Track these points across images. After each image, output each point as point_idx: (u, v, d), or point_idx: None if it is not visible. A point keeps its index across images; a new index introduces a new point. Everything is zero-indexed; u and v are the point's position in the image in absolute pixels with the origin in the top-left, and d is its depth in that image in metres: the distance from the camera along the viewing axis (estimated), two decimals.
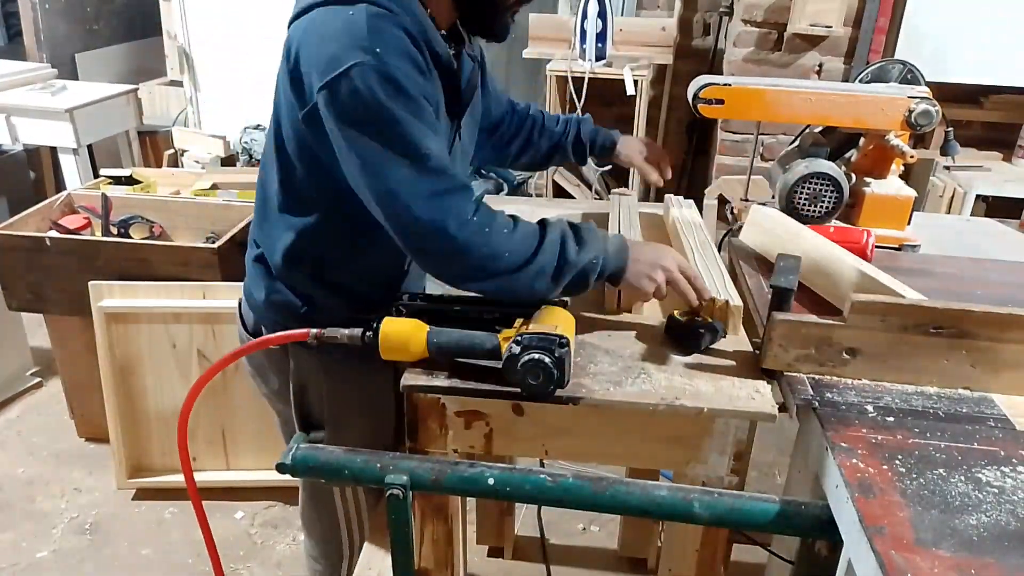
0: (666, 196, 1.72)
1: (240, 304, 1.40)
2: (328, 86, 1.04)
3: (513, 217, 1.15)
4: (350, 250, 1.26)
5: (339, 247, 1.25)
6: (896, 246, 1.61)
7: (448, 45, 1.17)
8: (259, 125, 3.68)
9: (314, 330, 1.13)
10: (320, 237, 1.24)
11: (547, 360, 1.02)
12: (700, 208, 1.69)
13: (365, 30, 1.04)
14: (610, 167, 3.64)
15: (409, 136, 1.06)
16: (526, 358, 1.03)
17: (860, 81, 1.72)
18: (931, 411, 1.04)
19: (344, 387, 1.34)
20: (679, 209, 1.61)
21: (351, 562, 1.52)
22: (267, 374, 1.40)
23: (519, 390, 1.05)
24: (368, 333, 1.12)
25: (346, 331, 1.13)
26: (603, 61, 3.41)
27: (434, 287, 1.29)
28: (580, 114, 1.65)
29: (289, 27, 1.16)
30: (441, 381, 1.10)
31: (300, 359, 1.32)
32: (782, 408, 1.09)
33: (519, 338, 1.04)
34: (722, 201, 2.88)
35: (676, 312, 1.21)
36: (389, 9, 1.08)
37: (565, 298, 1.23)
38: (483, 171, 3.89)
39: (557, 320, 1.10)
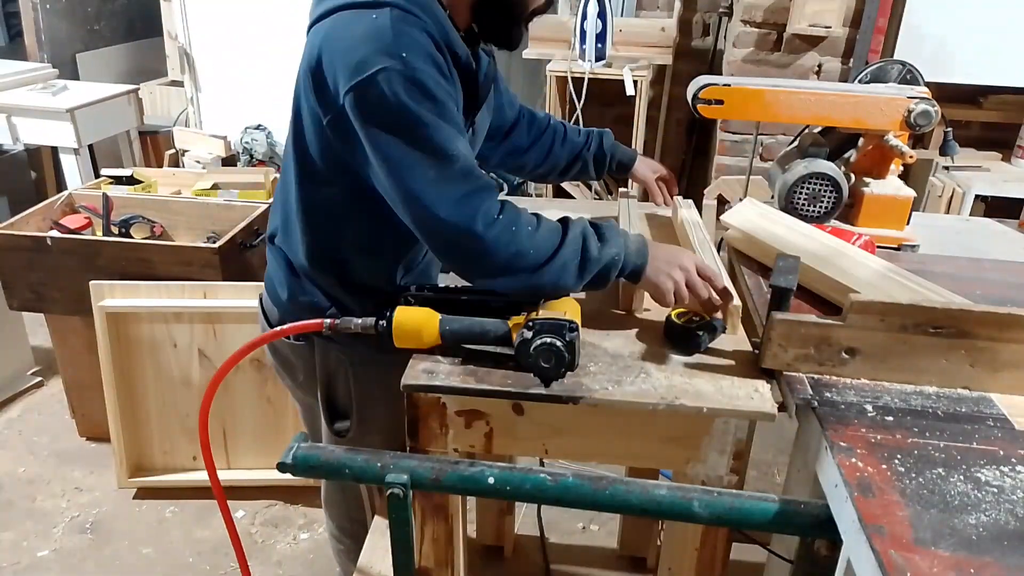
0: (675, 198, 1.73)
1: (261, 300, 1.42)
2: (354, 90, 1.05)
3: (536, 215, 1.16)
4: (370, 253, 1.27)
5: (361, 250, 1.26)
6: (895, 246, 1.62)
7: (465, 44, 1.18)
8: (259, 125, 3.68)
9: (328, 320, 1.15)
10: (342, 241, 1.25)
11: (559, 343, 1.05)
12: (699, 208, 1.70)
13: (391, 34, 1.05)
14: None
15: (435, 139, 1.07)
16: (538, 342, 1.05)
17: (859, 81, 1.73)
18: (930, 411, 1.04)
19: (368, 379, 1.36)
20: (686, 211, 1.61)
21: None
22: (293, 368, 1.42)
23: (531, 373, 1.08)
24: (381, 322, 1.13)
25: (359, 320, 1.15)
26: (603, 61, 3.41)
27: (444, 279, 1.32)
28: (581, 115, 1.65)
29: (309, 31, 1.16)
30: (441, 380, 1.10)
31: (327, 352, 1.35)
32: (781, 407, 1.09)
33: (531, 323, 1.07)
34: (721, 201, 2.88)
35: (673, 314, 1.21)
36: (412, 12, 1.08)
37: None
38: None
39: (564, 308, 1.12)
